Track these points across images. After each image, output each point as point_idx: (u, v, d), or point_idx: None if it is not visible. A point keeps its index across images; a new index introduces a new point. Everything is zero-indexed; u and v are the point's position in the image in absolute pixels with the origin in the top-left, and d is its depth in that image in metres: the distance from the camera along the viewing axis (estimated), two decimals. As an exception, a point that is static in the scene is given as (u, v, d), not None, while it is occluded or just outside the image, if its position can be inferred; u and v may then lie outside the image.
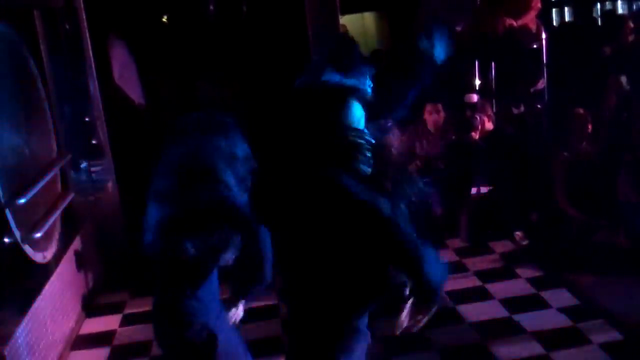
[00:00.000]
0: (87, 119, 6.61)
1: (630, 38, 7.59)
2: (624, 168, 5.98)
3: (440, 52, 2.51)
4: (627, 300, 5.25)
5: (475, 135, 7.00)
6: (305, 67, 2.60)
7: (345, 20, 9.79)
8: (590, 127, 6.52)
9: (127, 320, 5.89)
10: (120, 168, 6.75)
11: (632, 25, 7.98)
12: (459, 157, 7.12)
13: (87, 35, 6.51)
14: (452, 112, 7.51)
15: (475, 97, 7.50)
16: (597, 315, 5.16)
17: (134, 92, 7.49)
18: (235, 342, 3.21)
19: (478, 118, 7.11)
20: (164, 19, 8.36)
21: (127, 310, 6.05)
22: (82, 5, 6.47)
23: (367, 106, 2.47)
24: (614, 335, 4.85)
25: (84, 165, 6.56)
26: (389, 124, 4.07)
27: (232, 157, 2.92)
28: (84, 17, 6.50)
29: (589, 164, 6.39)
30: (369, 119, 2.48)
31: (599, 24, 9.06)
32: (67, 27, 6.37)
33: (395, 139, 4.11)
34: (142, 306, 5.99)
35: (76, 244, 6.03)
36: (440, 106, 7.31)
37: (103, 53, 7.06)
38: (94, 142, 6.63)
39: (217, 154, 2.89)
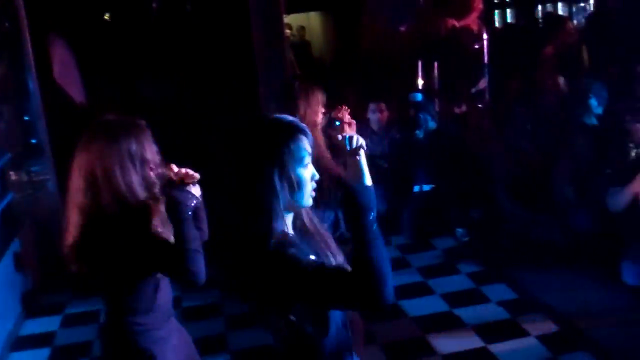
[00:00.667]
0: (26, 118, 6.52)
1: (570, 38, 7.72)
2: (559, 167, 6.10)
3: None
4: (563, 294, 5.37)
5: (420, 134, 7.08)
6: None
7: (290, 19, 9.83)
8: (529, 125, 6.64)
9: (67, 321, 5.83)
10: (60, 168, 6.65)
11: (571, 26, 8.14)
12: (402, 155, 7.20)
13: (27, 33, 6.41)
14: (395, 111, 7.59)
15: (419, 96, 7.58)
16: (534, 309, 5.27)
17: (75, 91, 7.40)
18: None
19: (422, 117, 7.19)
20: (106, 17, 8.28)
21: (68, 311, 5.99)
22: (21, 3, 6.37)
23: None
24: (550, 328, 4.96)
25: (23, 165, 6.46)
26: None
27: (142, 161, 2.84)
28: (24, 14, 6.40)
29: (528, 162, 6.51)
30: None
31: (540, 25, 9.22)
32: (7, 24, 6.28)
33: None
34: (82, 307, 5.97)
35: (15, 244, 5.95)
36: (383, 105, 7.38)
37: (43, 51, 6.96)
38: (33, 141, 6.53)
39: (124, 158, 2.84)
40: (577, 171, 5.91)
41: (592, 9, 9.28)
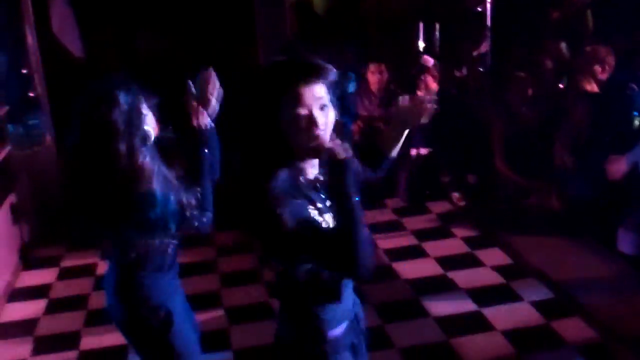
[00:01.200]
0: (24, 71, 6.47)
1: (575, 3, 7.60)
2: (560, 133, 6.07)
3: None
4: (557, 260, 5.39)
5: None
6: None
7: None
8: (530, 91, 6.60)
9: (63, 274, 5.85)
10: (58, 122, 6.64)
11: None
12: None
13: (25, -16, 6.36)
14: (396, 72, 7.52)
15: (431, 61, 7.47)
16: (528, 274, 5.30)
17: (73, 45, 7.34)
18: (188, 324, 3.15)
19: (422, 78, 7.12)
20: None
21: (64, 264, 6.01)
22: (20, -45, 6.31)
23: None
24: (544, 293, 5.00)
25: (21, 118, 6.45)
26: None
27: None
28: (23, -33, 6.34)
29: (527, 128, 6.48)
30: None
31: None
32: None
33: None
34: (78, 259, 6.02)
35: (12, 197, 5.94)
36: (383, 66, 7.32)
37: (42, 4, 6.90)
38: (31, 94, 6.50)
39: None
40: (578, 138, 5.89)
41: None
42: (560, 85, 6.76)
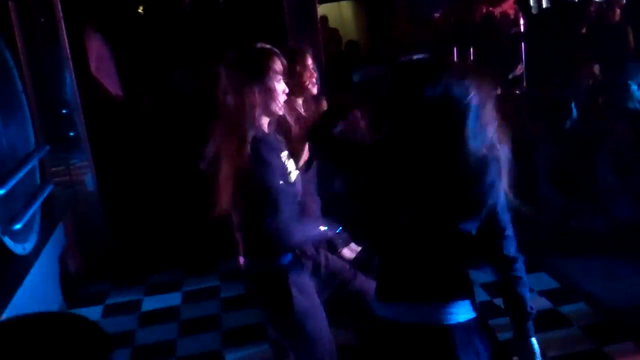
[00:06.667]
0: (64, 111, 6.57)
1: (608, 20, 7.48)
2: (603, 153, 6.00)
3: None
4: (606, 283, 5.29)
5: None
6: None
7: (323, 9, 9.77)
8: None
9: (109, 311, 5.87)
10: (98, 159, 6.72)
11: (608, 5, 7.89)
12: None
13: (63, 26, 6.45)
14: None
15: None
16: (577, 298, 5.20)
17: (111, 84, 7.46)
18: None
19: None
20: (140, 10, 8.32)
21: (109, 301, 6.04)
22: (57, -3, 6.42)
23: None
24: (594, 318, 4.90)
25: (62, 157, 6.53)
26: None
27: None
28: (60, 8, 6.44)
29: (570, 148, 6.41)
30: None
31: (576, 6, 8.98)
32: (43, 19, 6.32)
33: None
34: (123, 296, 6.06)
35: (56, 235, 6.00)
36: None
37: (79, 45, 7.02)
38: (72, 133, 6.58)
39: None
40: (620, 158, 5.82)
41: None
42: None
